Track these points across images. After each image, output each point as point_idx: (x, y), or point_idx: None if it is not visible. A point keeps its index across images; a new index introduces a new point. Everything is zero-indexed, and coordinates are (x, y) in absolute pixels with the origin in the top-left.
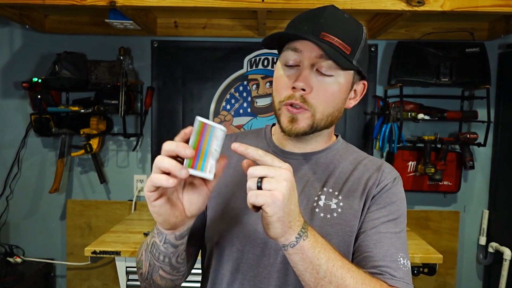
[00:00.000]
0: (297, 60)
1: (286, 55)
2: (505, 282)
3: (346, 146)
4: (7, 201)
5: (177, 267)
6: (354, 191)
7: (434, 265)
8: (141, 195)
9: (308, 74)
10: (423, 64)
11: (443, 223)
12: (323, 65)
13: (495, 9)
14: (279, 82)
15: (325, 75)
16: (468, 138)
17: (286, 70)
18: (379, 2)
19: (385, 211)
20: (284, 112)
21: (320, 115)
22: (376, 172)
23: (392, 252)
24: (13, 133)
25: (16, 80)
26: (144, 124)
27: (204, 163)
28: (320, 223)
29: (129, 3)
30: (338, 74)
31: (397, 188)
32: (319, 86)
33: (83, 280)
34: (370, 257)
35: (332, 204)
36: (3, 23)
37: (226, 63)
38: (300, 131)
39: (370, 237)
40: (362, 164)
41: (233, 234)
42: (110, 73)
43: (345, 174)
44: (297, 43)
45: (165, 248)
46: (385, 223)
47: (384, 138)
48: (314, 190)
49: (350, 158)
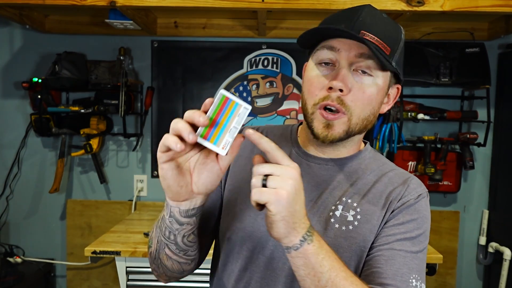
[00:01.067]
0: (333, 60)
1: (321, 54)
2: (505, 282)
3: (374, 155)
4: (7, 201)
5: (184, 249)
6: (374, 204)
7: (434, 265)
8: (141, 195)
9: (346, 73)
10: (423, 64)
11: (443, 223)
12: (363, 65)
13: (495, 9)
14: (313, 83)
15: (363, 76)
16: (468, 138)
17: (321, 70)
18: (379, 2)
19: (403, 228)
20: (318, 117)
21: (356, 119)
22: (400, 186)
23: (403, 272)
24: (13, 133)
25: (16, 80)
26: (144, 124)
27: (219, 137)
28: (334, 234)
29: (129, 3)
30: (377, 75)
31: (420, 205)
32: (357, 87)
33: (83, 280)
34: (378, 273)
35: (349, 216)
36: (3, 23)
37: (226, 63)
38: (336, 137)
39: (382, 253)
40: (387, 176)
41: (245, 233)
42: (110, 73)
43: (367, 185)
44: (334, 41)
45: (170, 222)
46: (400, 241)
47: (384, 138)
48: (332, 198)
49: (375, 168)
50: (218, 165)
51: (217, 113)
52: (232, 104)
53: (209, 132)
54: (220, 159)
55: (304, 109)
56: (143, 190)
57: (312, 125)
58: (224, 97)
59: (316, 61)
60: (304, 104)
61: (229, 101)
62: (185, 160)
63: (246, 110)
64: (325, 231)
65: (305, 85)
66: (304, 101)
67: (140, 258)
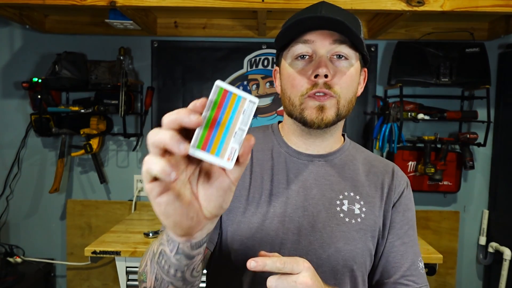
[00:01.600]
0: (309, 52)
1: (296, 49)
2: (505, 282)
3: (354, 146)
4: (7, 201)
5: (191, 282)
6: (372, 196)
7: (434, 265)
8: (141, 195)
9: (327, 60)
10: (423, 64)
11: (443, 223)
12: (337, 50)
13: (495, 9)
14: (295, 77)
15: (340, 60)
16: (468, 138)
17: (299, 64)
18: (379, 2)
19: (405, 219)
20: (309, 103)
21: (343, 101)
22: (389, 176)
23: (414, 260)
24: (13, 133)
25: (16, 80)
26: (144, 124)
27: (221, 146)
28: (346, 228)
29: (129, 3)
30: (351, 57)
31: (409, 191)
32: (338, 71)
33: (83, 280)
34: (399, 268)
35: (355, 209)
36: (3, 23)
37: (226, 63)
38: (330, 120)
39: (398, 248)
40: (373, 166)
41: (255, 240)
42: (110, 73)
43: (361, 176)
44: (306, 35)
45: (177, 260)
46: (407, 232)
47: (384, 138)
48: (334, 193)
49: (361, 158)
50: (228, 178)
51: (215, 113)
52: (233, 99)
53: (207, 140)
54: (228, 171)
55: (289, 104)
56: (143, 190)
57: (304, 114)
58: (222, 90)
59: (292, 57)
60: (289, 100)
61: (229, 95)
62: (185, 182)
63: (252, 105)
64: (337, 227)
65: (287, 81)
66: (288, 97)
67: (140, 258)
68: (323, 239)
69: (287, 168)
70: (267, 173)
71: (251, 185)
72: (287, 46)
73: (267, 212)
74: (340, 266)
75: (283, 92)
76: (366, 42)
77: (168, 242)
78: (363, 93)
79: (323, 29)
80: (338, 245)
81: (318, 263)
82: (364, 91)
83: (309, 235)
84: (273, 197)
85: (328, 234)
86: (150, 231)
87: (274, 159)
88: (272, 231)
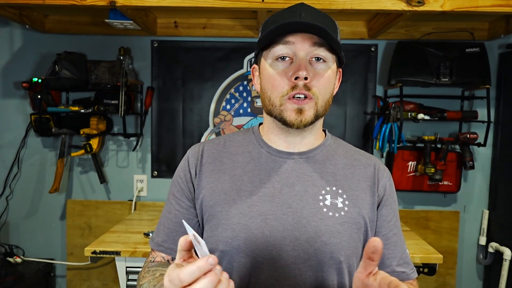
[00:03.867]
0: (289, 54)
1: (277, 50)
2: (505, 282)
3: (336, 141)
4: (7, 201)
5: None
6: (355, 189)
7: (434, 265)
8: (141, 195)
9: (306, 63)
10: (423, 64)
11: (443, 223)
12: (316, 53)
13: (495, 9)
14: (276, 78)
15: (318, 63)
16: (468, 138)
17: (279, 65)
18: (379, 2)
19: (392, 211)
20: (289, 105)
21: (321, 102)
22: (372, 169)
23: (404, 248)
24: (13, 133)
25: (16, 80)
26: (144, 124)
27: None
28: (331, 222)
29: (129, 3)
30: (329, 60)
31: (392, 184)
32: (317, 74)
33: (83, 280)
34: (393, 258)
35: (338, 203)
36: (3, 23)
37: (226, 63)
38: (308, 121)
39: (391, 240)
40: (355, 160)
41: (240, 240)
42: (110, 73)
43: (343, 170)
44: (287, 37)
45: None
46: (394, 223)
47: (384, 138)
48: (317, 189)
49: (342, 153)
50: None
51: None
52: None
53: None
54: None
55: (269, 104)
56: (143, 190)
57: (284, 115)
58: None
59: (273, 57)
60: (269, 99)
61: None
62: None
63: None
64: (321, 221)
65: (267, 82)
66: (268, 97)
67: (140, 258)
68: (308, 234)
69: (269, 167)
70: (247, 174)
71: (231, 188)
72: (268, 46)
73: (250, 211)
74: (327, 259)
75: (263, 92)
76: (366, 42)
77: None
78: (363, 93)
79: (304, 32)
80: (324, 238)
81: (305, 258)
82: (364, 91)
83: (294, 231)
84: (255, 197)
85: (313, 229)
86: (150, 231)
87: (255, 159)
88: (255, 229)
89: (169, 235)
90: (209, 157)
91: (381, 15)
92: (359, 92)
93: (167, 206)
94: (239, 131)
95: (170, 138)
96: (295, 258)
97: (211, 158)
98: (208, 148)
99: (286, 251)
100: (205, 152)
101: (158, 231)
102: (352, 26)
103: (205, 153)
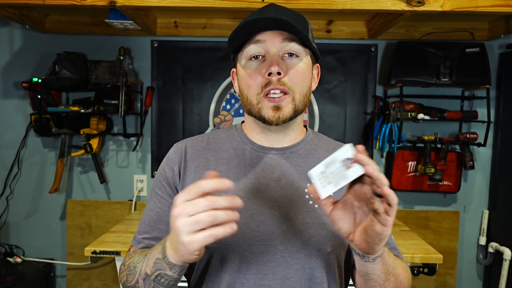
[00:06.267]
0: (262, 52)
1: (249, 50)
2: (505, 282)
3: (317, 135)
4: (7, 201)
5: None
6: None
7: (434, 265)
8: (141, 195)
9: (278, 58)
10: (423, 64)
11: (443, 223)
12: (288, 48)
13: (495, 9)
14: (250, 77)
15: (291, 58)
16: (468, 138)
17: (253, 64)
18: (379, 2)
19: None
20: (265, 103)
21: (299, 96)
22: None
23: (390, 235)
24: (13, 133)
25: (16, 80)
26: (144, 124)
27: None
28: (317, 214)
29: (129, 3)
30: (302, 54)
31: None
32: (291, 68)
33: (83, 280)
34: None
35: None
36: (3, 23)
37: (226, 63)
38: (287, 117)
39: None
40: None
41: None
42: (110, 73)
43: None
44: (257, 36)
45: (178, 274)
46: None
47: (384, 138)
48: (302, 182)
49: (323, 146)
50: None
51: None
52: None
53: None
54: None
55: (247, 103)
56: (143, 190)
57: (262, 113)
58: None
59: (246, 57)
60: (246, 99)
61: None
62: None
63: None
64: (308, 214)
65: (243, 82)
66: (245, 97)
67: None
68: (296, 227)
69: (254, 163)
70: (232, 170)
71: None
72: (241, 48)
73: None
74: (315, 251)
75: (241, 92)
76: (366, 42)
77: (171, 268)
78: (363, 93)
79: (273, 29)
80: (311, 231)
81: (293, 250)
82: (364, 91)
83: (281, 225)
84: (241, 193)
85: (300, 222)
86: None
87: (240, 156)
88: (243, 225)
89: (149, 232)
90: (193, 153)
91: (381, 15)
92: (359, 92)
93: (149, 205)
94: (222, 129)
95: (170, 138)
96: (283, 252)
97: (195, 154)
98: (191, 145)
99: (274, 245)
100: (188, 148)
101: (139, 230)
102: (352, 26)
103: (189, 149)
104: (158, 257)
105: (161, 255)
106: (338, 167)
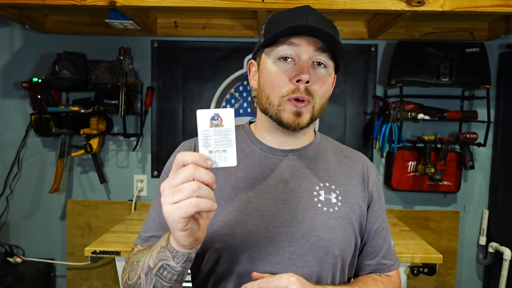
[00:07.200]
0: (293, 55)
1: (281, 50)
2: (505, 282)
3: (325, 139)
4: (7, 201)
5: (184, 279)
6: (346, 185)
7: (434, 265)
8: (141, 195)
9: (309, 67)
10: (423, 64)
11: (443, 223)
12: (319, 58)
13: (495, 9)
14: (276, 78)
15: (320, 68)
16: (468, 138)
17: (281, 65)
18: (379, 2)
19: (381, 206)
20: (288, 107)
21: (318, 106)
22: (361, 165)
23: (389, 241)
24: (13, 133)
25: (16, 80)
26: (144, 124)
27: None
28: (325, 217)
29: (129, 3)
30: (329, 66)
31: (379, 179)
32: (318, 78)
33: (83, 280)
34: (380, 250)
35: (332, 198)
36: (3, 23)
37: (226, 63)
38: (305, 124)
39: (379, 234)
40: (345, 157)
41: (236, 237)
42: (110, 73)
43: (334, 167)
44: (293, 38)
45: (183, 267)
46: (383, 218)
47: (384, 138)
48: (311, 185)
49: (331, 150)
50: None
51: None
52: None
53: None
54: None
55: (266, 102)
56: (143, 190)
57: (281, 116)
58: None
59: (276, 57)
60: (267, 98)
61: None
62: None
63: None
64: (316, 216)
65: (267, 80)
66: (266, 95)
67: None
68: (304, 229)
69: (263, 164)
70: (242, 171)
71: (226, 184)
72: (272, 44)
73: (245, 208)
74: (323, 254)
75: (261, 89)
76: (366, 42)
77: (174, 257)
78: (363, 93)
79: (310, 36)
80: (319, 233)
81: (301, 253)
82: (364, 91)
83: (290, 227)
84: (251, 194)
85: (309, 224)
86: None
87: (249, 157)
88: (252, 226)
89: (159, 229)
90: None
91: (381, 15)
92: (359, 92)
93: (158, 202)
94: None
95: (170, 138)
96: (291, 254)
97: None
98: None
99: (282, 247)
100: (197, 148)
101: (147, 228)
102: (352, 26)
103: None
104: (163, 245)
105: (165, 242)
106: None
